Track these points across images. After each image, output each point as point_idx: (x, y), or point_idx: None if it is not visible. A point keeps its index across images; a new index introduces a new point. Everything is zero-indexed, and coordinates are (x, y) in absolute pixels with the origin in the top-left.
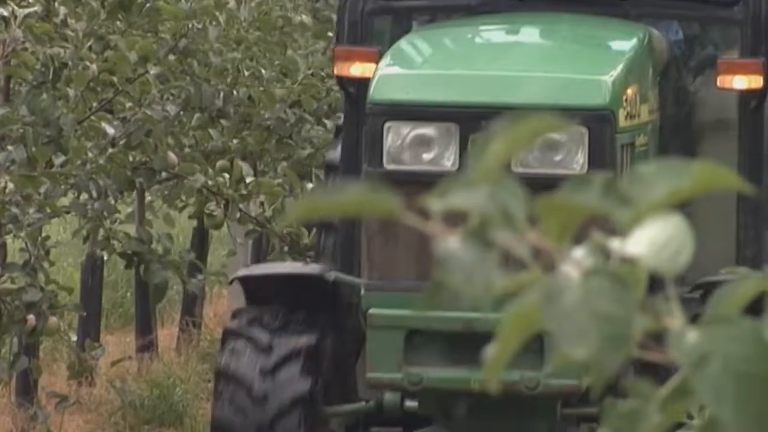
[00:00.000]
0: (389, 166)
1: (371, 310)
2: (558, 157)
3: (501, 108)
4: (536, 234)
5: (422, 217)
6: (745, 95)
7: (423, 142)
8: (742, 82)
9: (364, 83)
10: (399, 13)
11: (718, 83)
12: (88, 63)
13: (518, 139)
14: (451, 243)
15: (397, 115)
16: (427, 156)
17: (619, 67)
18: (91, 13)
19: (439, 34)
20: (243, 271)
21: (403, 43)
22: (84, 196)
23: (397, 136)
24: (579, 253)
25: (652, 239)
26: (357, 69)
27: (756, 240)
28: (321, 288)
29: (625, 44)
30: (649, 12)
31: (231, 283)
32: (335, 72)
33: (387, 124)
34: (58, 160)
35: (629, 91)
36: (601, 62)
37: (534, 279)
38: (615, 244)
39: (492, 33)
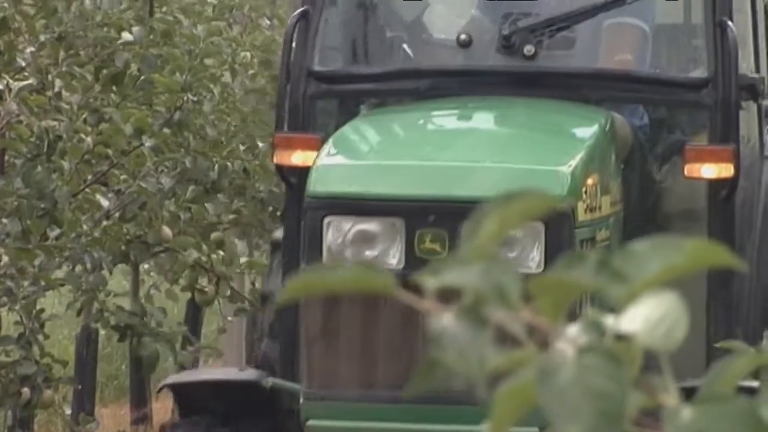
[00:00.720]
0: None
1: (310, 422)
2: (512, 254)
3: (449, 201)
4: (530, 311)
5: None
6: (715, 184)
7: (366, 239)
8: (711, 170)
9: (306, 173)
10: (344, 97)
11: (686, 172)
12: (83, 135)
13: (512, 216)
14: (446, 320)
15: (338, 209)
16: (370, 253)
17: (578, 156)
18: (85, 86)
19: (385, 121)
20: (173, 378)
21: (345, 131)
22: (79, 269)
23: (337, 232)
24: (573, 330)
25: (647, 316)
26: (298, 157)
27: (727, 338)
28: (258, 395)
29: (584, 131)
30: (610, 96)
31: (160, 390)
32: (274, 161)
33: (326, 219)
34: (53, 233)
35: (589, 182)
36: (559, 151)
37: (528, 356)
38: (609, 321)
39: (442, 119)
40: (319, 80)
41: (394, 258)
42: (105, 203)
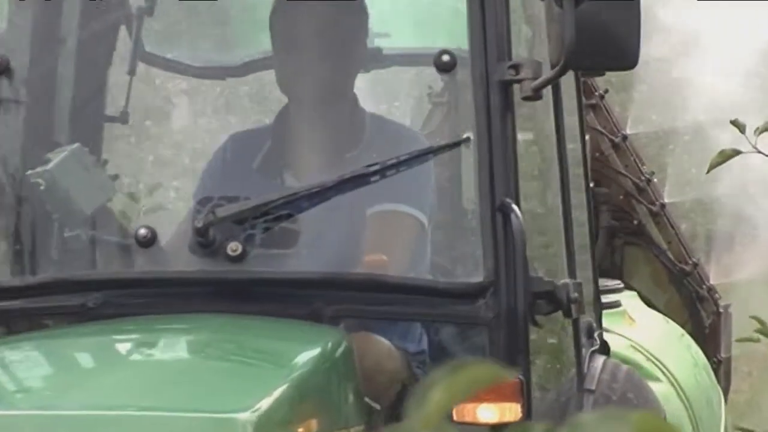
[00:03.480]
0: None
1: None
2: None
3: None
4: None
5: None
6: (498, 430)
7: None
8: (489, 412)
9: None
10: None
11: (455, 415)
12: None
13: (459, 386)
14: None
15: None
16: None
17: (276, 397)
18: None
19: (21, 351)
20: None
21: None
22: None
23: None
24: None
25: None
26: None
27: None
28: None
29: (298, 361)
30: (351, 310)
31: None
32: None
33: None
34: None
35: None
36: (251, 390)
37: None
38: None
39: (98, 348)
40: None
41: None
42: None
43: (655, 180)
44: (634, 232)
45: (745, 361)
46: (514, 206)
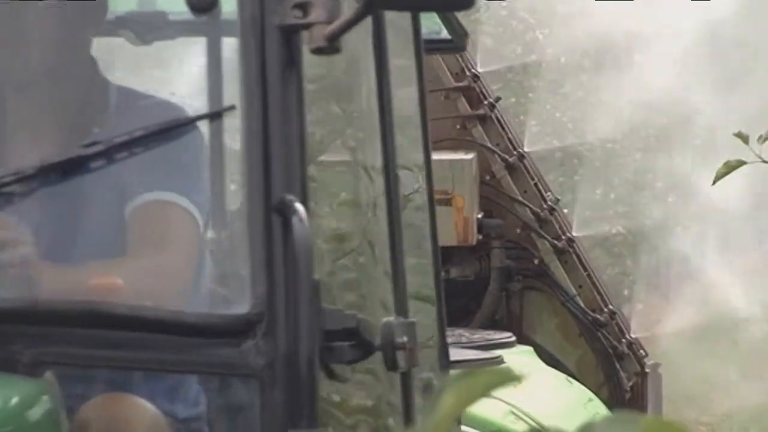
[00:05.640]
0: None
1: None
2: None
3: None
4: None
5: None
6: None
7: None
8: None
9: None
10: None
11: None
12: None
13: (470, 392)
14: None
15: None
16: None
17: None
18: None
19: None
20: None
21: None
22: None
23: None
24: None
25: None
26: None
27: None
28: None
29: None
30: (60, 355)
31: None
32: None
33: None
34: None
35: None
36: None
37: None
38: None
39: None
40: None
41: None
42: None
43: (564, 210)
44: (536, 273)
45: (758, 367)
46: (298, 205)
